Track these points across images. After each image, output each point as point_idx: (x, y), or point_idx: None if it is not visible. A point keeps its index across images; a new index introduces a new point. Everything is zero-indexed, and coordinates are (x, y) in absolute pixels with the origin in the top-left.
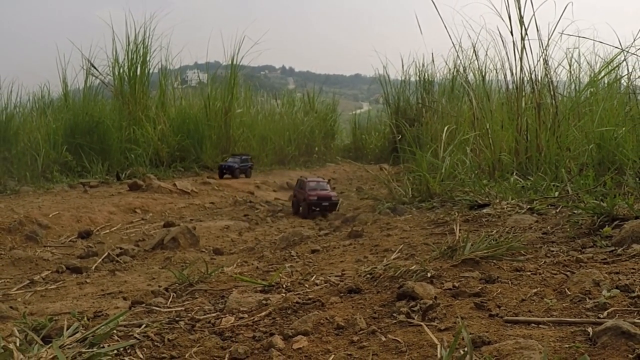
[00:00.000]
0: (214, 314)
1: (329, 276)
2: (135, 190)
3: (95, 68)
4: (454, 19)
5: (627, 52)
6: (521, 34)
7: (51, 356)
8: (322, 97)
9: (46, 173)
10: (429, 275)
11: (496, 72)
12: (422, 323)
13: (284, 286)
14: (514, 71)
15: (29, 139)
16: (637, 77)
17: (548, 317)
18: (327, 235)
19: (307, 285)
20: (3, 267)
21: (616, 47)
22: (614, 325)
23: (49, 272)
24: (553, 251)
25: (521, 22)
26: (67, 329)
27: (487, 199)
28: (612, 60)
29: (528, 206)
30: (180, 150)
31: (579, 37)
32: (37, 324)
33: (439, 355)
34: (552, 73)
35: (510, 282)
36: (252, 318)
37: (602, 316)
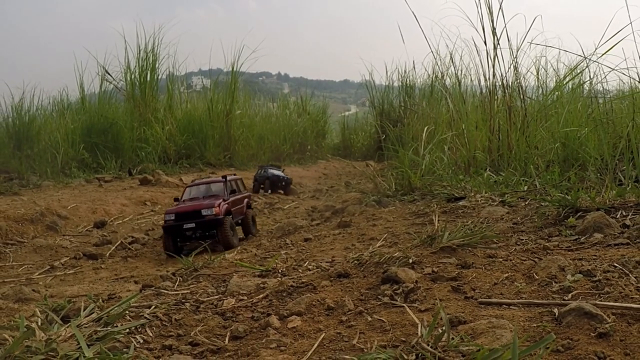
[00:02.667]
0: (216, 297)
1: (320, 262)
2: (146, 185)
3: (109, 74)
4: (432, 29)
5: (589, 60)
6: (494, 43)
7: (69, 334)
8: (314, 101)
9: (65, 169)
10: (410, 261)
11: (471, 77)
12: (404, 304)
13: (280, 271)
14: (487, 77)
15: (49, 138)
16: (598, 82)
17: (518, 299)
18: (318, 225)
19: (300, 271)
20: (26, 254)
21: (579, 55)
22: (577, 307)
23: (68, 258)
24: (522, 240)
25: (494, 33)
26: (84, 310)
27: (463, 193)
28: (575, 67)
29: (500, 199)
30: (186, 148)
31: (546, 46)
32: (57, 305)
33: (419, 334)
34: (521, 79)
35: (483, 268)
36: (251, 300)
37: (567, 298)
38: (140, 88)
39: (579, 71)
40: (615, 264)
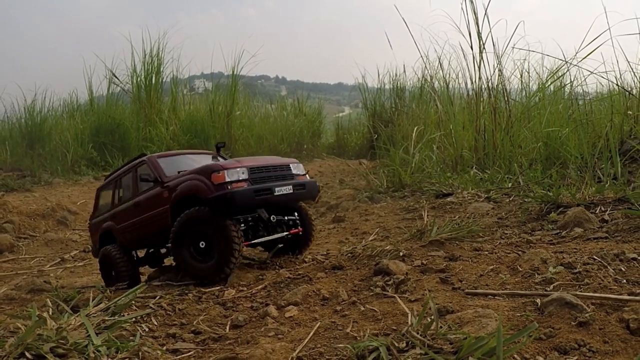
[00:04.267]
0: (217, 287)
1: (316, 255)
2: None
3: (116, 77)
4: (422, 35)
5: (570, 64)
6: (479, 47)
7: (79, 323)
8: (309, 102)
9: (75, 167)
10: (401, 254)
11: (458, 80)
12: (395, 295)
13: (277, 263)
14: (474, 80)
15: (60, 138)
16: (578, 85)
17: (503, 290)
18: (314, 220)
19: (297, 263)
20: (38, 247)
21: (560, 60)
22: (559, 297)
23: (77, 251)
24: (507, 234)
25: (479, 38)
26: (93, 300)
27: (450, 189)
28: (557, 71)
29: (485, 195)
30: (189, 147)
31: (529, 50)
32: (67, 296)
33: (409, 322)
34: (505, 81)
35: (470, 260)
36: (250, 291)
37: (548, 289)
38: (145, 90)
39: (560, 74)
40: (595, 257)
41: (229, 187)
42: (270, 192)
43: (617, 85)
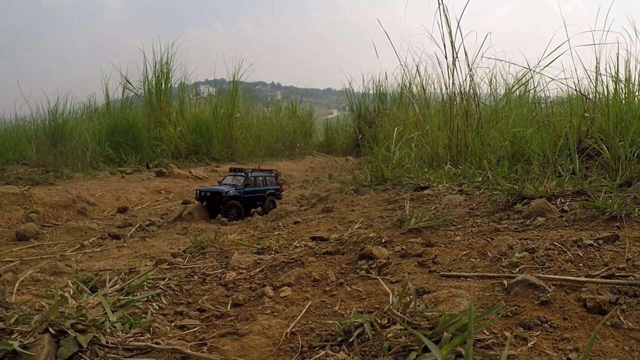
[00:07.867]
0: (220, 270)
1: (308, 241)
2: (160, 176)
3: (130, 83)
4: (401, 45)
5: (533, 71)
6: (453, 56)
7: (97, 302)
8: (302, 106)
9: (93, 163)
10: (383, 240)
11: (434, 86)
12: (378, 277)
13: (273, 249)
14: (448, 85)
15: (79, 137)
16: (540, 90)
17: (474, 272)
18: (306, 210)
19: (290, 249)
20: (60, 234)
21: (525, 68)
22: (523, 279)
23: (95, 238)
24: (477, 223)
25: (453, 48)
26: (109, 282)
27: (427, 183)
28: (521, 78)
29: (458, 188)
30: (194, 145)
31: (497, 59)
32: (86, 278)
33: (391, 301)
34: (476, 87)
35: (445, 246)
36: (249, 273)
37: (514, 272)
38: (156, 95)
39: (524, 81)
40: (555, 243)
41: None
42: None
43: (575, 90)
